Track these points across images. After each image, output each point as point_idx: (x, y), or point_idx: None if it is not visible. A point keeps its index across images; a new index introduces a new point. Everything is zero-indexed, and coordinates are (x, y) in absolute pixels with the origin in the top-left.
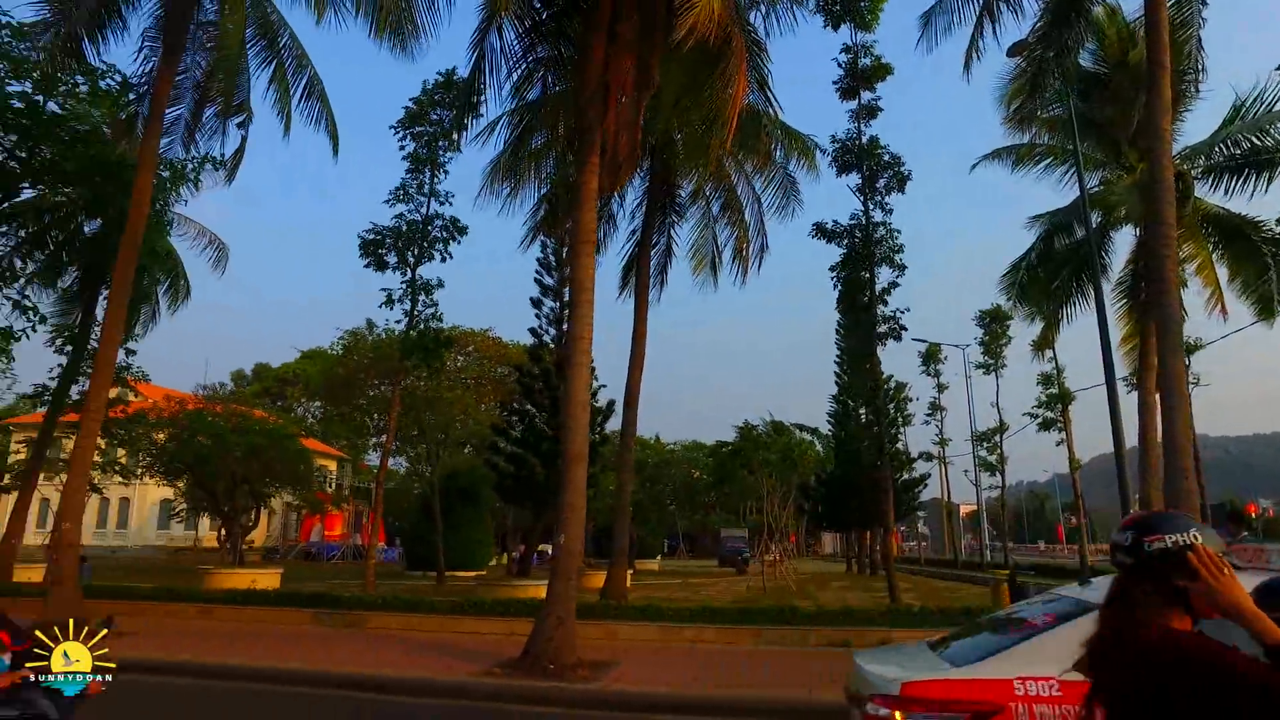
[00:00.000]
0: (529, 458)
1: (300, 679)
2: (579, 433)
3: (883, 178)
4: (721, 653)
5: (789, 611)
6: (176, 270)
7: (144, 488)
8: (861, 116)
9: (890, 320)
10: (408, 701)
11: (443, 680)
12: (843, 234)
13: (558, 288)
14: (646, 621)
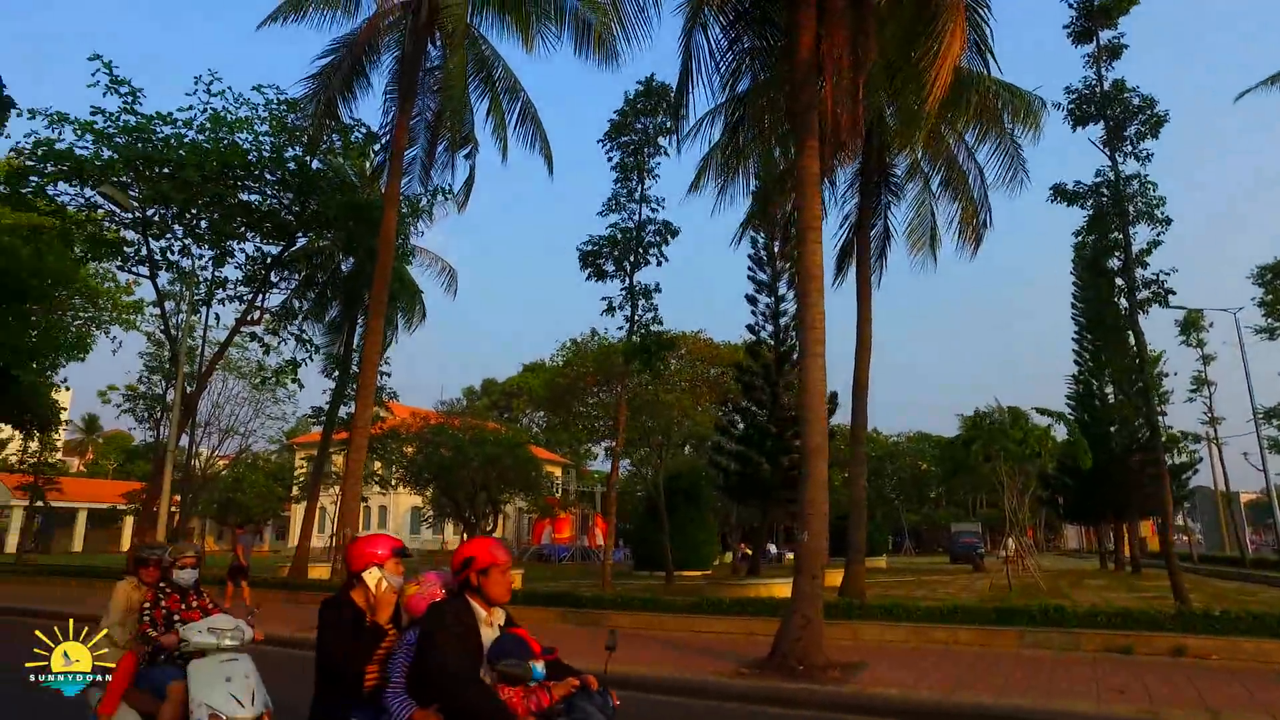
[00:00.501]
0: (753, 455)
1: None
2: (817, 424)
3: (1132, 124)
4: (979, 655)
5: (1055, 612)
6: (415, 296)
7: (398, 496)
8: (1101, 59)
9: (1153, 284)
10: (659, 699)
11: (692, 679)
12: (1087, 194)
13: (771, 283)
14: (893, 621)
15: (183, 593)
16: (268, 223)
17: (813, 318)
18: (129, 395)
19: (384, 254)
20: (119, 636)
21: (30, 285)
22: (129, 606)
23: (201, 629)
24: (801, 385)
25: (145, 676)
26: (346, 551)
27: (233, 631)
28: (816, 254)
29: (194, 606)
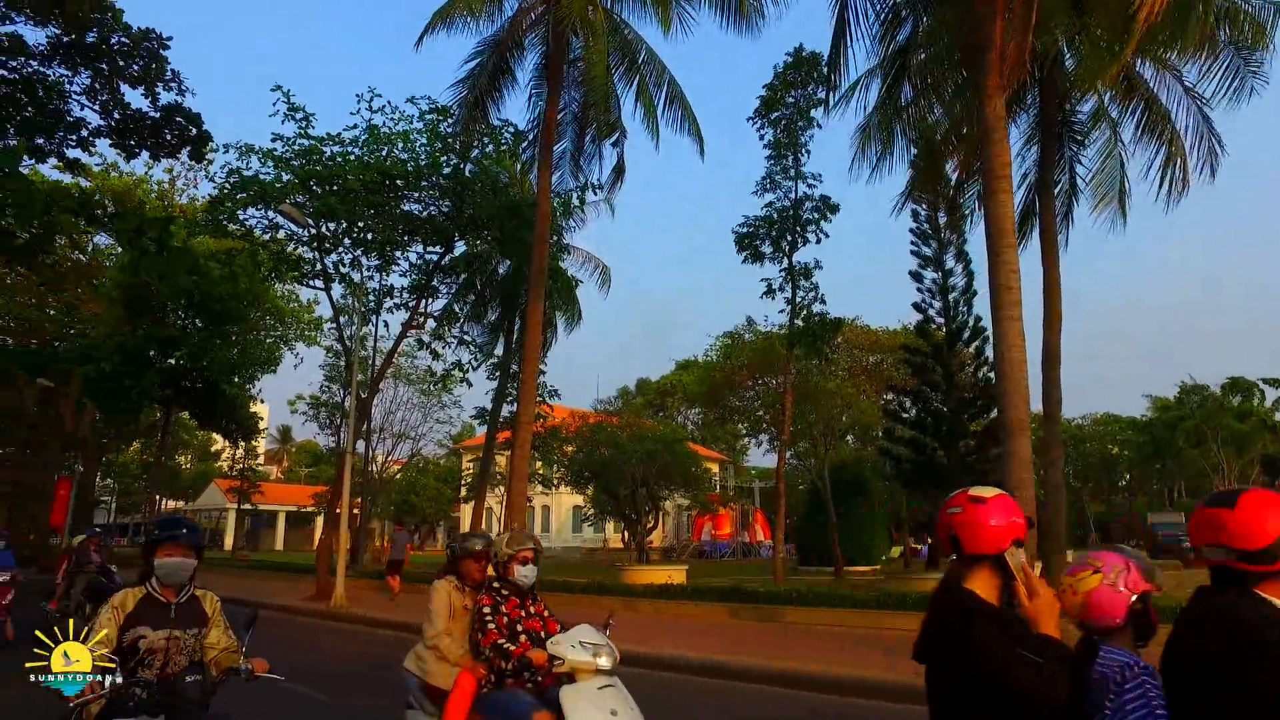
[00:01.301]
0: (927, 441)
1: (740, 673)
2: (1017, 396)
3: None
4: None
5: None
6: (571, 294)
7: (559, 496)
8: None
9: None
10: (856, 703)
11: (892, 681)
12: None
13: (937, 256)
14: None
15: (521, 596)
16: (427, 229)
17: (1006, 277)
18: (312, 404)
19: (539, 247)
20: (450, 649)
21: (230, 307)
22: (454, 612)
23: (573, 642)
24: (997, 353)
25: (494, 704)
26: (962, 523)
27: (606, 648)
28: (1007, 206)
29: (533, 614)
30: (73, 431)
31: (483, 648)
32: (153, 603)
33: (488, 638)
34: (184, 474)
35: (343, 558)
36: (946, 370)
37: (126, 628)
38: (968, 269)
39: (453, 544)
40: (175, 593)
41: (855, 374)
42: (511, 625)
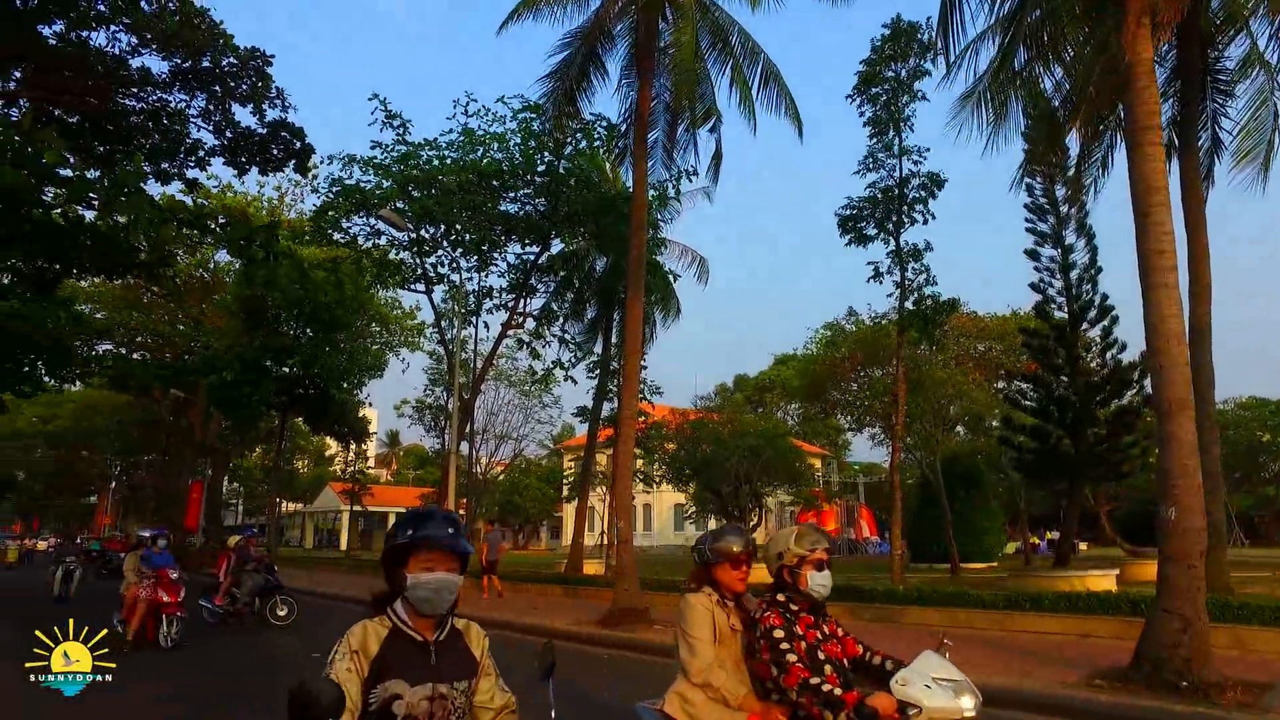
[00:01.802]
0: (1050, 429)
1: None
2: (1175, 372)
3: None
4: None
5: None
6: (668, 289)
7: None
8: None
9: None
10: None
11: (1034, 691)
12: None
13: (1055, 232)
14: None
15: (816, 611)
16: (523, 227)
17: (1158, 240)
18: (417, 408)
19: (637, 236)
20: (729, 688)
21: (338, 316)
22: (720, 635)
23: (926, 680)
24: (1149, 326)
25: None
26: None
27: (965, 684)
28: (1155, 160)
29: (829, 635)
30: (202, 439)
31: (786, 688)
32: (404, 642)
33: (791, 675)
34: (301, 478)
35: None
36: (1070, 353)
37: (373, 681)
38: (1091, 244)
39: (700, 546)
40: (433, 626)
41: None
42: (812, 652)
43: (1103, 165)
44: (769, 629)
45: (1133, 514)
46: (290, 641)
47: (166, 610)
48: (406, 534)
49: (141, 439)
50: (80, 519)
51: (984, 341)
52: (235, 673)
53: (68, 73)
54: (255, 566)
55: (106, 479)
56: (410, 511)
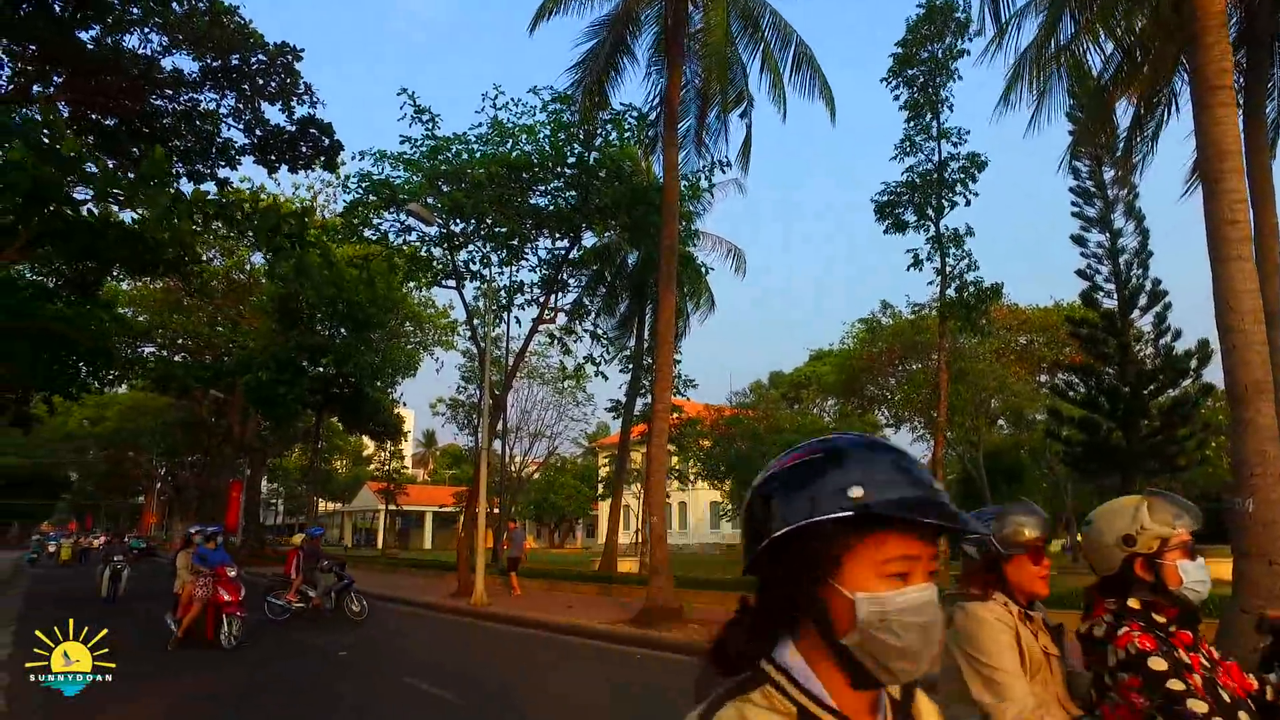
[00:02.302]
0: (1100, 420)
1: None
2: (1250, 353)
3: None
4: None
5: None
6: (700, 281)
7: (696, 492)
8: None
9: None
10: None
11: None
12: None
13: (1104, 215)
14: None
15: (1192, 622)
16: (554, 220)
17: (1230, 209)
18: (450, 405)
19: (669, 224)
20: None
21: (371, 315)
22: (1032, 659)
23: None
24: (1219, 304)
25: None
26: None
27: None
28: (1228, 121)
29: (1215, 662)
30: (240, 438)
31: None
32: None
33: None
34: (339, 477)
35: (482, 555)
36: (1120, 341)
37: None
38: (1141, 227)
39: (975, 537)
40: (873, 707)
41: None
42: (1212, 688)
43: (1153, 141)
44: (1138, 655)
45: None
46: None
47: (227, 610)
48: (855, 491)
49: (184, 439)
50: (130, 518)
51: (1025, 334)
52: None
53: (106, 77)
54: (328, 565)
55: (152, 479)
56: (844, 441)
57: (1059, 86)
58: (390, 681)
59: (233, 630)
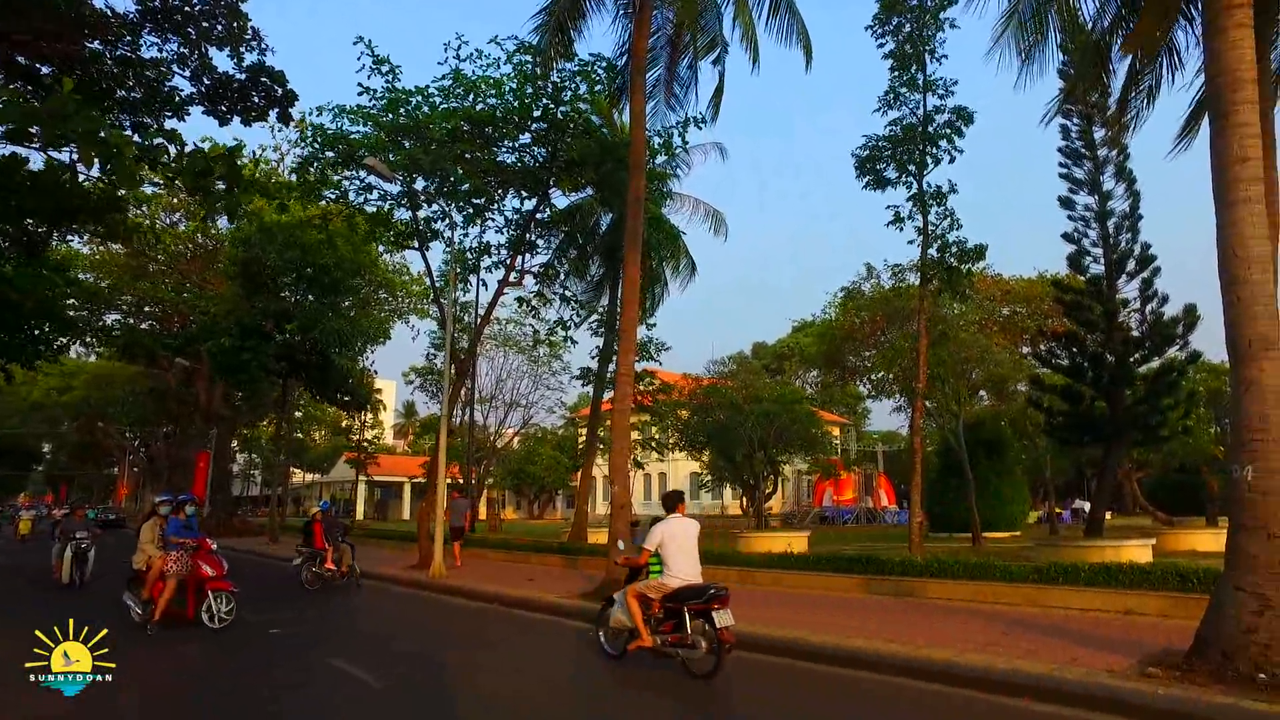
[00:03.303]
0: (1083, 389)
1: (866, 661)
2: (1259, 305)
3: None
4: None
5: None
6: (678, 246)
7: (676, 462)
8: None
9: None
10: (1029, 708)
11: (1077, 682)
12: None
13: (1093, 177)
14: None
15: None
16: (520, 178)
17: (1241, 145)
18: (420, 373)
19: (635, 177)
20: None
21: (337, 278)
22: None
23: None
24: (1224, 251)
25: None
26: None
27: None
28: (1243, 45)
29: None
30: (208, 406)
31: None
32: None
33: None
34: (316, 448)
35: (440, 526)
36: (1107, 308)
37: None
38: (1131, 189)
39: None
40: None
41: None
42: None
43: (1149, 98)
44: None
45: (1162, 483)
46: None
47: (212, 585)
48: None
49: (154, 409)
50: (104, 489)
51: (1009, 305)
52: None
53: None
54: (344, 536)
55: (124, 450)
56: None
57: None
58: (312, 663)
59: (221, 608)
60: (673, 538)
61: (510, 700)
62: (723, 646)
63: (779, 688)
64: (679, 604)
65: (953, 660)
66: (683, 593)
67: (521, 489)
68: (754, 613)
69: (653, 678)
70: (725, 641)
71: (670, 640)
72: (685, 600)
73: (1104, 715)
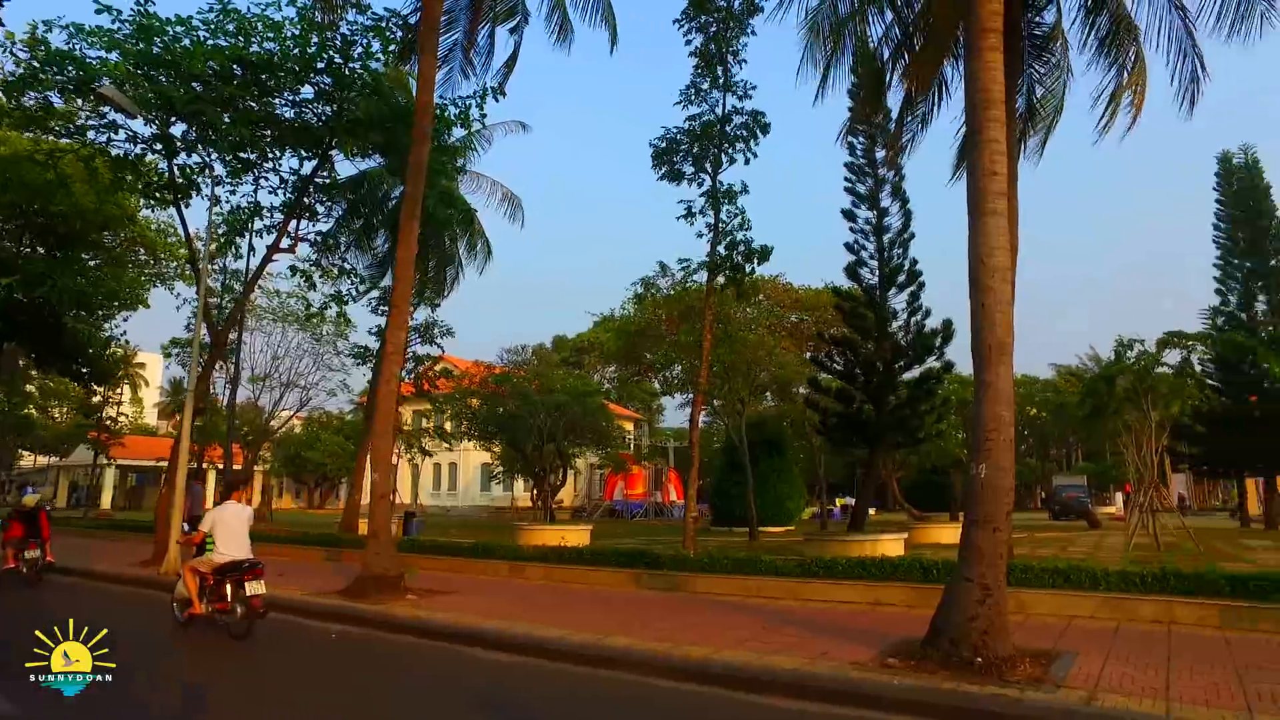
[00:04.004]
0: (855, 393)
1: (630, 662)
2: (998, 313)
3: None
4: (1223, 643)
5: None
6: (473, 226)
7: (468, 452)
8: None
9: None
10: (770, 704)
11: (818, 675)
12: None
13: (873, 193)
14: (1075, 590)
15: None
16: (296, 134)
17: (991, 159)
18: (180, 345)
19: (419, 145)
20: None
21: (75, 229)
22: None
23: None
24: (973, 258)
25: None
26: None
27: None
28: (996, 67)
29: None
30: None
31: None
32: None
33: None
34: (56, 426)
35: (178, 516)
36: (880, 316)
37: None
38: (905, 209)
39: None
40: None
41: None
42: None
43: (923, 124)
44: None
45: (916, 483)
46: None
47: None
48: None
49: None
50: None
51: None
52: None
53: None
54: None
55: None
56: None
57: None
58: None
59: None
60: (224, 522)
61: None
62: (254, 611)
63: (504, 687)
64: (223, 576)
65: (709, 658)
66: (226, 567)
67: (302, 477)
68: (512, 609)
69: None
70: (255, 607)
71: (216, 608)
72: (228, 574)
73: (847, 709)
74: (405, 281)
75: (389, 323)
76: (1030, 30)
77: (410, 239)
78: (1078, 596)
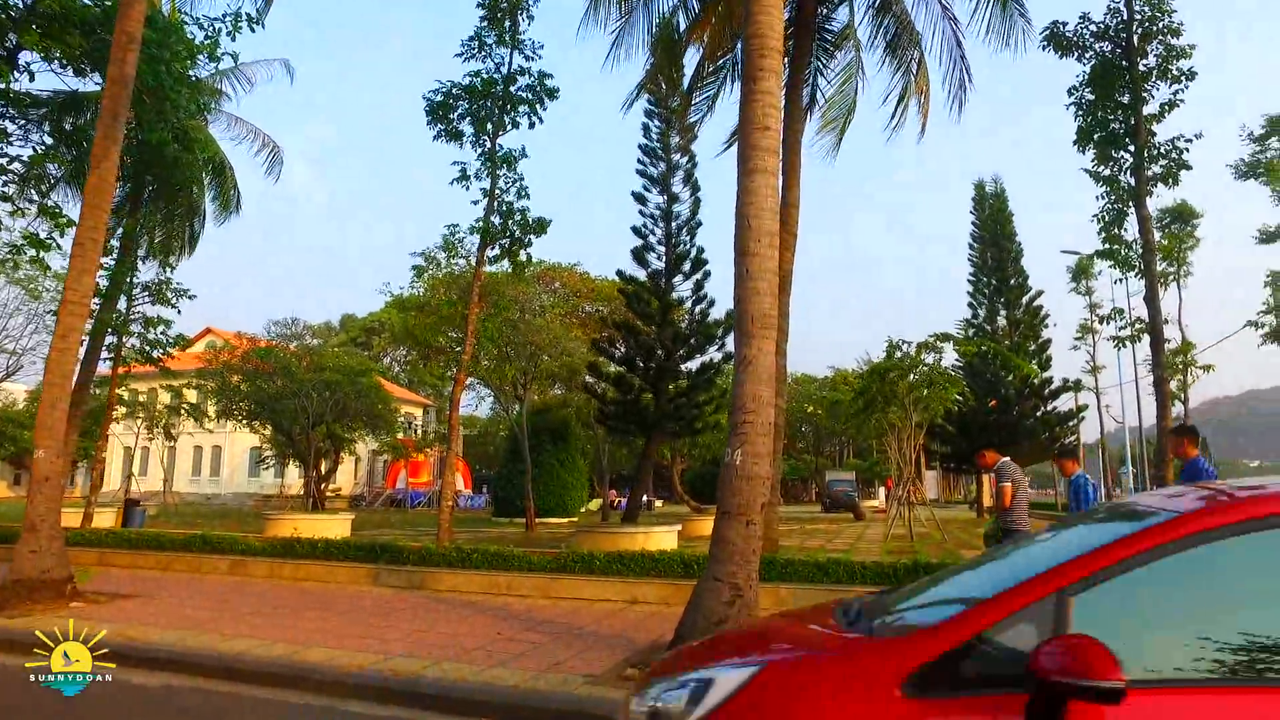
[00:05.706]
0: (634, 380)
1: (323, 681)
2: (763, 281)
3: None
4: None
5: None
6: (224, 174)
7: (234, 435)
8: None
9: (1170, 157)
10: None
11: (543, 692)
12: (1087, 43)
13: (664, 178)
14: (827, 583)
15: None
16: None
17: (763, 113)
18: None
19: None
20: None
21: None
22: None
23: None
24: (740, 221)
25: None
26: None
27: None
28: (774, 12)
29: None
30: None
31: None
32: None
33: None
34: None
35: None
36: (664, 303)
37: None
38: (695, 196)
39: None
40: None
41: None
42: None
43: (711, 104)
44: None
45: (700, 474)
46: None
47: None
48: None
49: None
50: None
51: (593, 303)
52: None
53: None
54: None
55: None
56: None
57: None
58: None
59: None
60: None
61: None
62: None
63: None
64: None
65: (420, 674)
66: None
67: (27, 461)
68: (208, 615)
69: None
70: None
71: None
72: None
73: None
74: (97, 212)
75: (70, 265)
76: (821, 25)
77: (106, 164)
78: (840, 591)
